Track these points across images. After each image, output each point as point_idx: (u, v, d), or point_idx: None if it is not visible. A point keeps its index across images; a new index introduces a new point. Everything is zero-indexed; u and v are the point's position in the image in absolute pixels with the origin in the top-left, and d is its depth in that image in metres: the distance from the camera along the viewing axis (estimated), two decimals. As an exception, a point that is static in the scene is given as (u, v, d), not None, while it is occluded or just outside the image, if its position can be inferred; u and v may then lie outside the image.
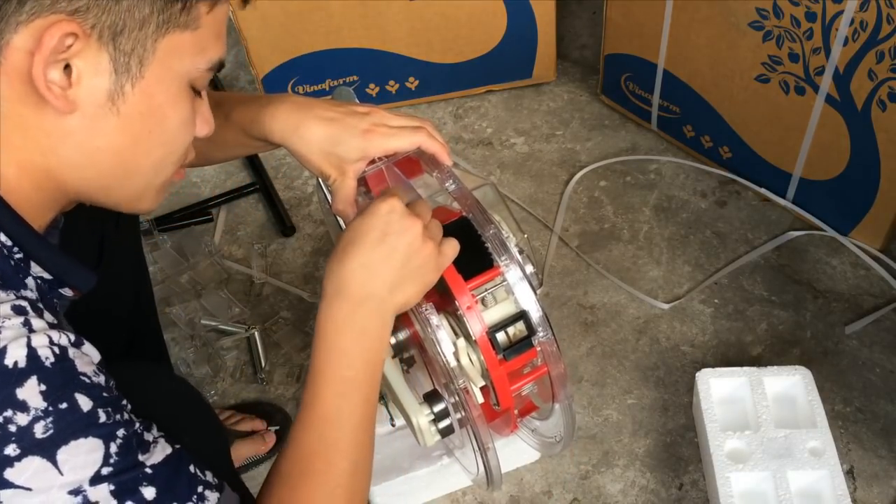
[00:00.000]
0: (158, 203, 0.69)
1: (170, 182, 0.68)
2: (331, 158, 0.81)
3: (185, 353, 1.30)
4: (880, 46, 1.12)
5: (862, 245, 1.35)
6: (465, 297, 0.80)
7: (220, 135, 0.82)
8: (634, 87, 1.54)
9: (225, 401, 1.27)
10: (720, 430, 1.06)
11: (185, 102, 0.64)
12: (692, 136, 1.49)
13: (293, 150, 0.81)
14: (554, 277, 1.37)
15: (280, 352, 1.32)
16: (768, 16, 1.22)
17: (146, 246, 1.42)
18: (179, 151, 0.67)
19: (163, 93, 0.62)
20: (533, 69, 1.64)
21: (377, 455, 1.09)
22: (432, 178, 0.85)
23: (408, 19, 1.52)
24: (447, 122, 1.64)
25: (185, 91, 0.63)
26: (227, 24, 0.67)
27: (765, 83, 1.30)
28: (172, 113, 0.63)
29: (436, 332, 0.78)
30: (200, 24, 0.61)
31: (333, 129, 0.80)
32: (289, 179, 1.57)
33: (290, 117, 0.81)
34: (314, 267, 1.43)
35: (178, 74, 0.62)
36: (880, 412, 1.17)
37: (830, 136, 1.27)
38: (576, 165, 1.53)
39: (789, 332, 1.26)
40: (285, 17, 1.49)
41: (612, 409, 1.21)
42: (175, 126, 0.64)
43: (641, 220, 1.44)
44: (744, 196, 1.45)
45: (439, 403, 0.85)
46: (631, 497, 1.12)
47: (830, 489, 1.00)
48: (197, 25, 0.61)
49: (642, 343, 1.27)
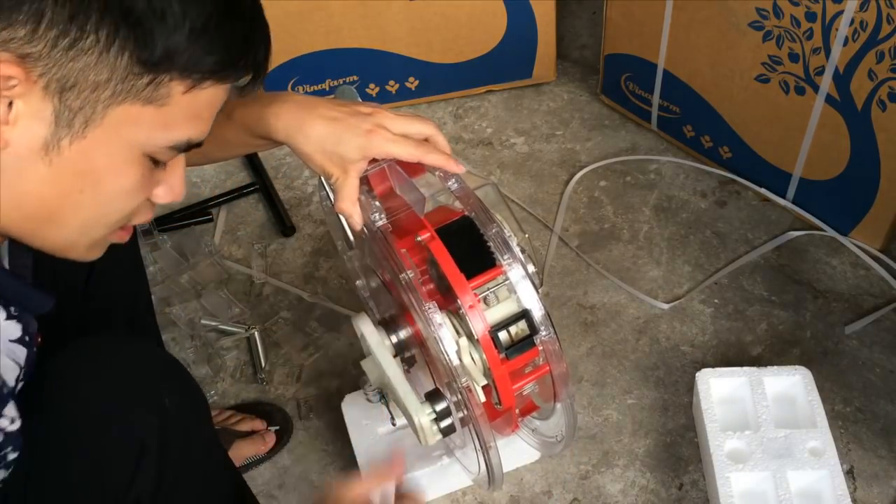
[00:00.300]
0: (95, 256, 0.67)
1: (107, 240, 0.67)
2: (333, 158, 0.81)
3: (185, 353, 1.30)
4: (880, 46, 1.12)
5: (862, 245, 1.35)
6: (468, 296, 0.81)
7: (221, 134, 0.82)
8: (634, 87, 1.54)
9: (225, 401, 1.27)
10: (720, 430, 1.06)
11: (132, 171, 0.61)
12: (692, 136, 1.50)
13: (296, 148, 0.81)
14: (554, 277, 1.37)
15: (280, 352, 1.32)
16: (768, 16, 1.22)
17: (146, 246, 1.42)
18: (116, 216, 0.64)
19: (104, 157, 0.59)
20: (533, 69, 1.64)
21: (377, 455, 1.09)
22: (434, 176, 0.85)
23: (408, 19, 1.52)
24: (447, 122, 1.64)
25: (134, 160, 0.61)
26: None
27: (765, 83, 1.30)
28: (112, 179, 0.61)
29: (438, 331, 0.79)
30: (170, 102, 0.59)
31: (336, 128, 0.80)
32: (289, 179, 1.57)
33: (293, 116, 0.81)
34: (314, 267, 1.43)
35: (128, 144, 0.60)
36: (880, 412, 1.17)
37: (830, 136, 1.27)
38: (576, 165, 1.53)
39: (789, 332, 1.26)
40: (285, 17, 1.49)
41: (612, 409, 1.21)
42: (112, 192, 0.62)
43: (641, 220, 1.44)
44: (744, 196, 1.45)
45: (441, 402, 0.85)
46: (631, 497, 1.12)
47: (830, 489, 1.00)
48: (165, 103, 0.59)
49: (642, 343, 1.27)
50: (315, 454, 1.20)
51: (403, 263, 0.80)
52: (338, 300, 1.37)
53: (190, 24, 0.57)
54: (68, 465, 0.65)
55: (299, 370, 1.29)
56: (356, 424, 1.12)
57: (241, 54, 0.62)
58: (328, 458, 1.19)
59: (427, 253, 0.83)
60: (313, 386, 1.27)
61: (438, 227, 0.84)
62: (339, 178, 0.81)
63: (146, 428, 0.68)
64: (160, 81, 0.58)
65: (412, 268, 0.80)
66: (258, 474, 1.18)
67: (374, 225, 0.82)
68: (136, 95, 0.57)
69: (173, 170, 0.66)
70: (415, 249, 0.84)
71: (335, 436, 1.21)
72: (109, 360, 0.69)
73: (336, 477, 1.18)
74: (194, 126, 0.62)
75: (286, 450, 1.20)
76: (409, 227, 0.84)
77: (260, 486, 1.17)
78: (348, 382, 1.27)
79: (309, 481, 1.17)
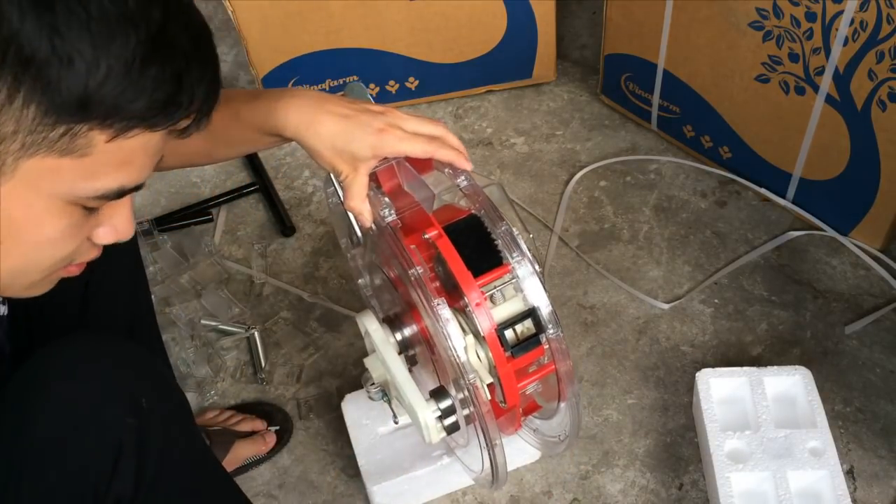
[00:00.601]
0: (41, 292, 0.64)
1: (52, 279, 0.64)
2: (343, 155, 0.80)
3: (185, 353, 1.30)
4: (880, 46, 1.12)
5: (862, 245, 1.35)
6: (474, 294, 0.81)
7: (225, 132, 0.82)
8: (634, 87, 1.54)
9: (225, 401, 1.27)
10: (720, 430, 1.06)
11: (56, 221, 0.57)
12: (692, 136, 1.50)
13: (306, 144, 0.81)
14: (554, 277, 1.37)
15: (280, 352, 1.32)
16: (768, 16, 1.22)
17: (146, 246, 1.42)
18: (47, 262, 0.61)
19: (20, 209, 0.55)
20: (533, 69, 1.64)
21: (377, 455, 1.09)
22: (443, 174, 0.86)
23: (408, 19, 1.52)
24: (447, 123, 1.64)
25: (57, 210, 0.57)
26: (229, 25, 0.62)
27: (765, 83, 1.30)
28: (33, 230, 0.57)
29: (446, 326, 0.79)
30: (93, 151, 0.54)
31: (347, 125, 0.80)
32: (289, 179, 1.57)
33: (304, 112, 0.80)
34: (314, 267, 1.43)
35: (47, 195, 0.55)
36: (880, 412, 1.17)
37: (830, 136, 1.27)
38: (576, 165, 1.53)
39: (789, 332, 1.27)
40: (285, 17, 1.49)
41: (612, 409, 1.21)
42: (35, 242, 0.58)
43: (641, 220, 1.44)
44: (744, 196, 1.45)
45: (446, 400, 0.86)
46: (631, 497, 1.12)
47: (830, 489, 1.00)
48: (86, 153, 0.54)
49: (642, 343, 1.27)
50: (315, 454, 1.20)
51: (413, 259, 0.80)
52: (338, 300, 1.37)
53: (106, 67, 0.51)
54: (45, 467, 0.64)
55: (299, 370, 1.29)
56: (356, 424, 1.12)
57: (175, 97, 0.55)
58: (328, 458, 1.19)
59: (434, 250, 0.83)
60: (313, 386, 1.27)
61: (446, 225, 0.84)
62: (348, 175, 0.81)
63: (124, 429, 0.66)
64: (77, 132, 0.52)
65: (421, 264, 0.80)
66: (258, 474, 1.18)
67: (383, 221, 0.82)
68: (50, 147, 0.53)
69: (116, 210, 0.62)
70: (421, 247, 0.84)
71: (335, 436, 1.21)
72: (85, 361, 0.68)
73: (336, 477, 1.18)
74: (125, 174, 0.57)
75: (286, 450, 1.20)
76: (416, 225, 0.84)
77: (260, 486, 1.17)
78: (348, 382, 1.27)
79: (309, 481, 1.17)
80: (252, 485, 1.18)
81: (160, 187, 1.58)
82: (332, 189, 0.91)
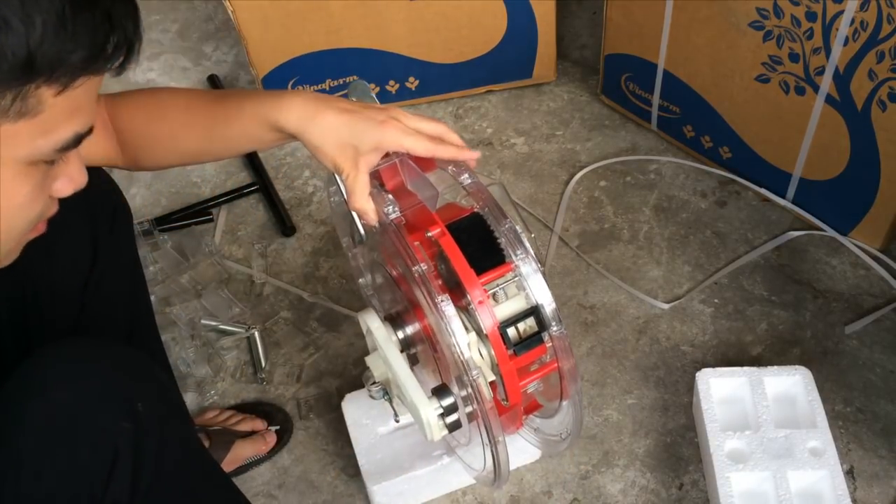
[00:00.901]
0: (11, 260, 0.65)
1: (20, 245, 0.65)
2: (346, 150, 0.80)
3: (185, 353, 1.30)
4: (880, 46, 1.12)
5: (862, 245, 1.35)
6: (477, 291, 0.81)
7: (227, 127, 0.82)
8: (634, 87, 1.54)
9: (225, 401, 1.27)
10: (720, 430, 1.06)
11: (23, 186, 0.58)
12: (692, 136, 1.50)
13: (308, 139, 0.81)
14: (554, 277, 1.37)
15: (280, 352, 1.32)
16: (768, 16, 1.22)
17: (146, 246, 1.42)
18: (20, 228, 0.62)
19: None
20: (533, 69, 1.64)
21: (377, 455, 1.09)
22: (445, 172, 0.86)
23: (408, 19, 1.52)
24: (447, 123, 1.64)
25: (22, 174, 0.58)
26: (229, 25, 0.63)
27: (765, 83, 1.31)
28: (3, 200, 0.58)
29: (450, 323, 0.79)
30: (44, 108, 0.55)
31: (351, 119, 0.80)
32: (289, 179, 1.57)
33: (307, 107, 0.81)
34: (314, 267, 1.43)
35: (10, 161, 0.56)
36: (880, 412, 1.17)
37: (830, 136, 1.27)
38: (576, 165, 1.53)
39: (789, 332, 1.27)
40: (285, 17, 1.49)
41: (612, 409, 1.21)
42: (7, 210, 0.59)
43: (641, 220, 1.44)
44: (744, 196, 1.45)
45: (448, 397, 0.86)
46: (631, 497, 1.12)
47: (830, 489, 1.00)
48: (39, 111, 0.54)
49: (642, 343, 1.27)
50: (315, 454, 1.20)
51: (417, 256, 0.80)
52: (338, 300, 1.37)
53: (41, 23, 0.51)
54: (40, 472, 0.64)
55: (299, 370, 1.29)
56: (356, 424, 1.12)
57: (109, 36, 0.55)
58: (328, 458, 1.19)
59: (436, 248, 0.83)
60: (313, 386, 1.27)
61: (449, 223, 0.84)
62: (349, 174, 0.81)
63: (119, 433, 0.66)
64: (26, 93, 0.53)
65: (425, 260, 0.80)
66: (258, 474, 1.18)
67: (387, 218, 0.82)
68: (4, 115, 0.53)
69: (69, 160, 0.62)
70: (424, 245, 0.84)
71: (335, 436, 1.21)
72: (80, 365, 0.68)
73: (336, 477, 1.18)
74: (77, 120, 0.58)
75: (286, 450, 1.20)
76: (419, 223, 0.84)
77: (260, 486, 1.17)
78: (348, 382, 1.27)
79: (309, 481, 1.17)
80: (252, 485, 1.18)
81: (160, 187, 1.58)
82: (334, 188, 0.92)
